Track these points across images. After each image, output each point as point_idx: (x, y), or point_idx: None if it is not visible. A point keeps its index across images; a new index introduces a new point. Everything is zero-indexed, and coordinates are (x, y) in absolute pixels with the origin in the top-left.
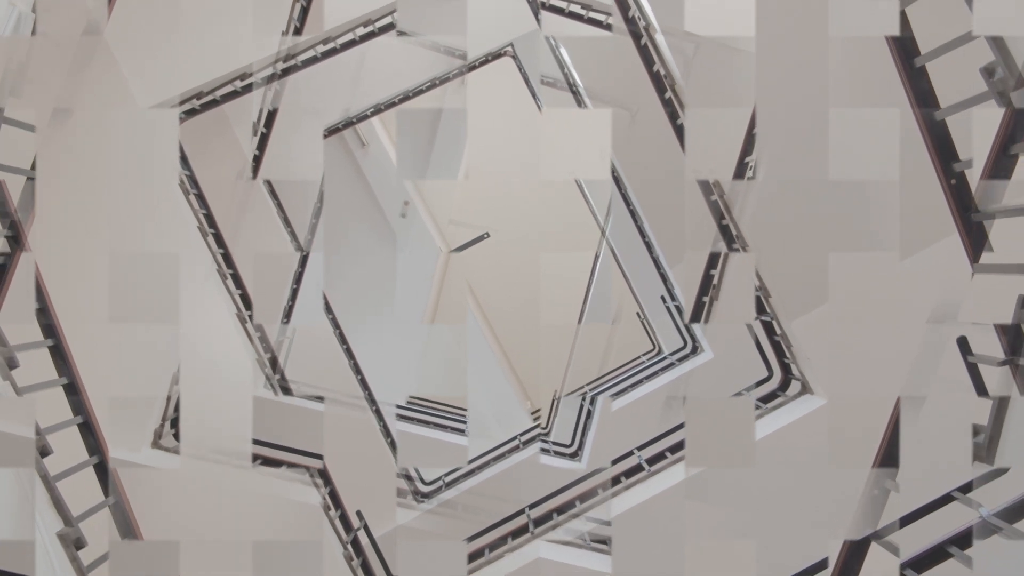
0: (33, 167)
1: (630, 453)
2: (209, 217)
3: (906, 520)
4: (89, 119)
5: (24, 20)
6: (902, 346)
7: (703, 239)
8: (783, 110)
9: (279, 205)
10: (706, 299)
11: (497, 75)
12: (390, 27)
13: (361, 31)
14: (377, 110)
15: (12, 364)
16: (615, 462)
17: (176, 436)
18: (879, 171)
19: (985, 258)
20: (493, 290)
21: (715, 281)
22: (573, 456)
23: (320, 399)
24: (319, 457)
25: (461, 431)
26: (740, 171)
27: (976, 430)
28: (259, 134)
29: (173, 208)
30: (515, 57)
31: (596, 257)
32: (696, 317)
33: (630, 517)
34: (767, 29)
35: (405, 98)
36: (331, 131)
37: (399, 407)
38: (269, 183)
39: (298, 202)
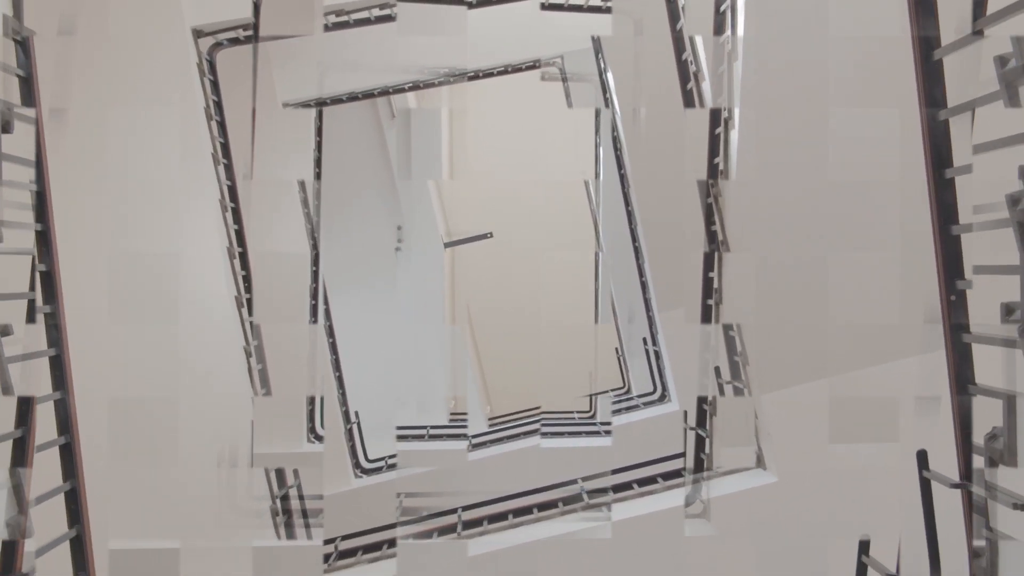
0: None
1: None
2: (225, 147)
3: None
4: (87, 117)
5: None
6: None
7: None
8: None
9: (304, 200)
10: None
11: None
12: (388, 18)
13: (358, 15)
14: (415, 86)
15: (7, 390)
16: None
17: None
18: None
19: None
20: (479, 293)
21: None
22: None
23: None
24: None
25: (462, 436)
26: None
27: (993, 433)
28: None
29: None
30: (562, 70)
31: (596, 258)
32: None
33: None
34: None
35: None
36: (367, 94)
37: (399, 427)
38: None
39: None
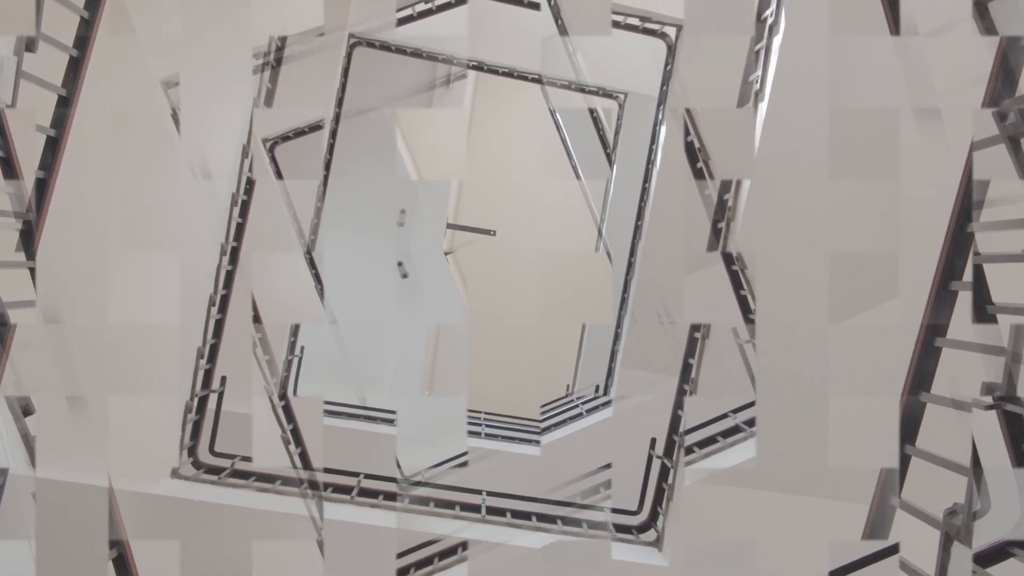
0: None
1: None
2: (280, 51)
3: None
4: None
5: (7, 64)
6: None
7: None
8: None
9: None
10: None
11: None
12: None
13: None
14: (478, 66)
15: None
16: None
17: (194, 465)
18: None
19: None
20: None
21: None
22: None
23: None
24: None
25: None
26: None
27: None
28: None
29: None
30: (622, 106)
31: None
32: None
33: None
34: None
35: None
36: (419, 54)
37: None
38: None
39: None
